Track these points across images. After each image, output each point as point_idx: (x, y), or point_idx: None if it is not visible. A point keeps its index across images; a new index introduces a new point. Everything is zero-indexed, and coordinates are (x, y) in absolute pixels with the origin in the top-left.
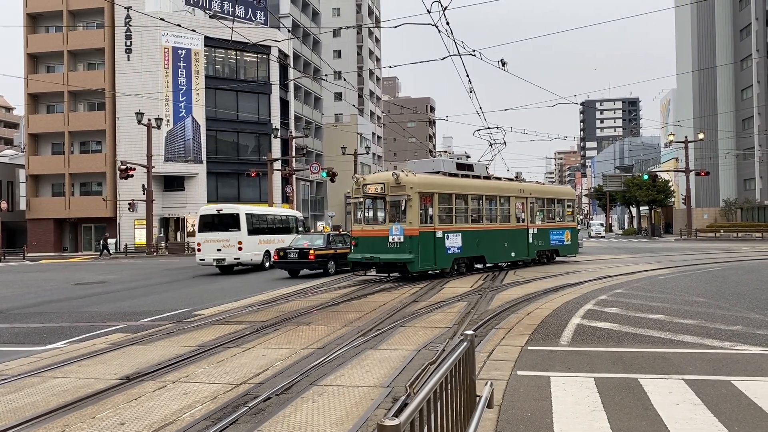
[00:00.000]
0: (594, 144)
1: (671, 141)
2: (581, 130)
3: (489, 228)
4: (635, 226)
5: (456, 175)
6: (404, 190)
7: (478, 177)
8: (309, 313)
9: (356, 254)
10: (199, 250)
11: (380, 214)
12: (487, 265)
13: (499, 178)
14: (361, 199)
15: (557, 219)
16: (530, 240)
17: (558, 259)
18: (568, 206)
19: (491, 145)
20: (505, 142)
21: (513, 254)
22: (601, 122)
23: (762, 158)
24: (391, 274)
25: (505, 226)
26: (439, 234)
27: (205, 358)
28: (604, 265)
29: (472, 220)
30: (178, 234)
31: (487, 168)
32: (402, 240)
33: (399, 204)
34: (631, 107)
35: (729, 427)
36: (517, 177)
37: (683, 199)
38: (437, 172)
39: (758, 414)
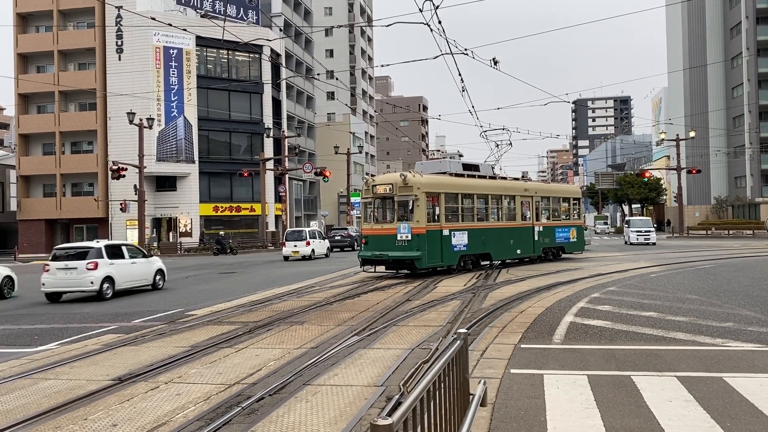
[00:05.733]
0: (586, 142)
1: (663, 139)
2: (573, 129)
3: (495, 226)
4: None
5: (462, 176)
6: (412, 191)
7: (484, 177)
8: (302, 313)
9: (366, 252)
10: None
11: (389, 214)
12: (494, 262)
13: (505, 178)
14: (371, 199)
15: (563, 217)
16: (536, 237)
17: (564, 255)
18: (574, 204)
19: (497, 145)
20: (510, 143)
21: (519, 251)
22: (593, 121)
23: (753, 156)
24: (400, 271)
25: (510, 225)
26: (446, 232)
27: (197, 358)
28: (596, 263)
29: (478, 219)
30: (171, 234)
31: (492, 168)
32: (410, 238)
33: (407, 203)
34: (622, 105)
35: (721, 424)
36: (523, 176)
37: (675, 197)
38: (444, 173)
39: (750, 410)
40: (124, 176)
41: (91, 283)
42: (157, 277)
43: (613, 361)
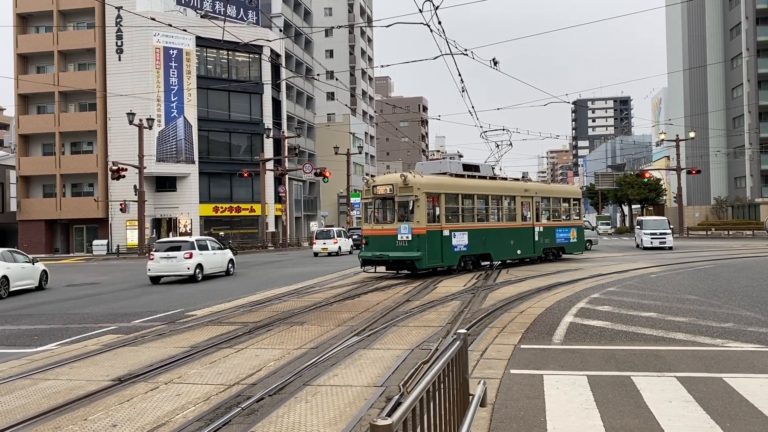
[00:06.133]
0: (586, 143)
1: (662, 139)
2: (573, 129)
3: (495, 227)
4: (627, 224)
5: (462, 176)
6: (412, 191)
7: (484, 177)
8: (302, 313)
9: (367, 252)
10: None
11: (389, 214)
12: (494, 262)
13: (505, 178)
14: (371, 200)
15: (563, 217)
16: (536, 238)
17: (564, 256)
18: (574, 205)
19: (497, 146)
20: (510, 143)
21: (519, 252)
22: (593, 121)
23: (753, 156)
24: (400, 271)
25: (511, 225)
26: (446, 233)
27: (197, 359)
28: (596, 263)
29: (479, 219)
30: (171, 234)
31: (493, 168)
32: (410, 238)
33: (407, 204)
34: (622, 106)
35: (721, 424)
36: (523, 177)
37: (675, 198)
38: (444, 173)
39: (750, 410)
40: (124, 176)
41: (188, 269)
42: (230, 266)
43: (612, 361)
